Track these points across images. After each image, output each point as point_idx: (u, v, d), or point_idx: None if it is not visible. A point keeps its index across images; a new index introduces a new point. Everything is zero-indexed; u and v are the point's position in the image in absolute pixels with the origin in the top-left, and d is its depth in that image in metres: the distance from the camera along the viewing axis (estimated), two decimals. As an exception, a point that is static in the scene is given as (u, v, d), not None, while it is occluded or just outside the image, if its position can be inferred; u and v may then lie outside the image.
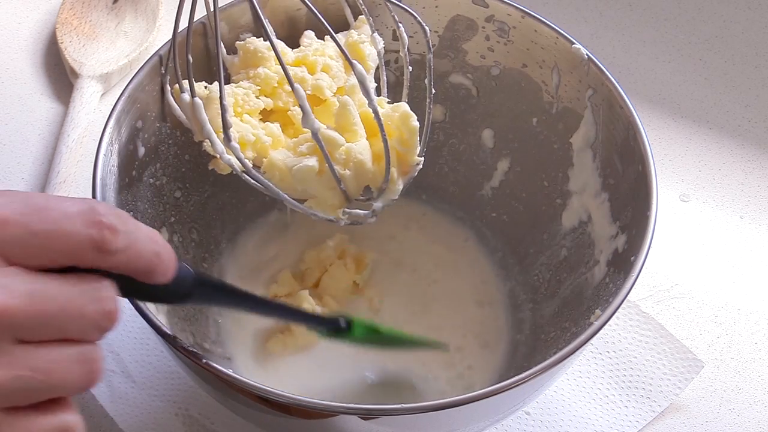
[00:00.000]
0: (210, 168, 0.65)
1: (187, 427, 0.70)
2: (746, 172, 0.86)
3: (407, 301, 0.75)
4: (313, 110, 0.61)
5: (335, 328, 0.62)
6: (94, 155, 0.63)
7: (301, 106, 0.60)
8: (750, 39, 0.94)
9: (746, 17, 0.95)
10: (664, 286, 0.79)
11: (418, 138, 0.64)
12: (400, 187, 0.64)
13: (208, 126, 0.62)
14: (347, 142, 0.63)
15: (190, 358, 0.57)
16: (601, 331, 0.59)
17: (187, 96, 0.63)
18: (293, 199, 0.63)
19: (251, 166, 0.63)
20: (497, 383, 0.57)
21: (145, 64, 0.67)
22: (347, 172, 0.62)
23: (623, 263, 0.64)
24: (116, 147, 0.65)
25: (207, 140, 0.63)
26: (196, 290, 0.51)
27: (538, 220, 0.75)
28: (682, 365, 0.74)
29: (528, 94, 0.73)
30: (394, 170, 0.63)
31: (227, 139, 0.61)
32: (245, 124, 0.64)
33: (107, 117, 0.65)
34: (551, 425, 0.72)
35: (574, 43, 0.70)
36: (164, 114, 0.68)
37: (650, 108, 0.89)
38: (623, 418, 0.72)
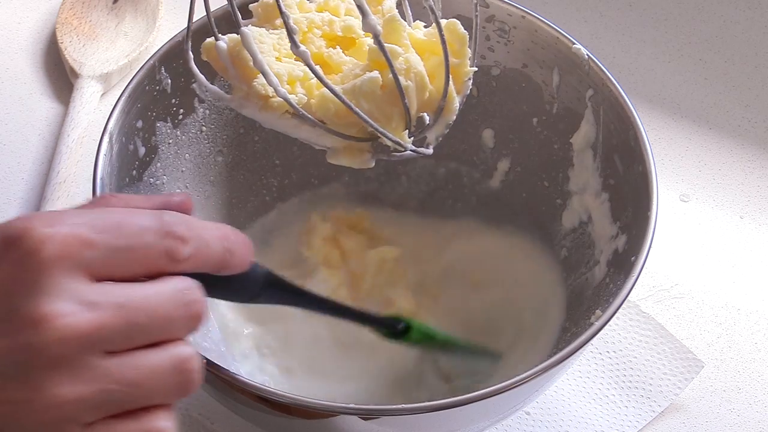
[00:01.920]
0: (259, 112, 0.60)
1: (187, 427, 0.70)
2: (746, 172, 0.86)
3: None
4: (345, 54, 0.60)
5: (393, 330, 0.64)
6: (94, 155, 0.63)
7: (359, 7, 0.55)
8: (750, 39, 0.94)
9: (746, 17, 0.95)
10: (664, 286, 0.79)
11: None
12: (458, 105, 0.61)
13: (260, 56, 0.57)
14: None
15: (191, 358, 0.57)
16: (601, 331, 0.59)
17: (223, 44, 0.59)
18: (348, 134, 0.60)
19: (319, 69, 0.57)
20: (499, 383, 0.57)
21: (145, 63, 0.67)
22: (409, 83, 0.59)
23: (623, 263, 0.64)
24: (116, 147, 0.65)
25: (255, 82, 0.58)
26: (266, 290, 0.52)
27: (539, 221, 0.75)
28: (682, 365, 0.74)
29: (528, 94, 0.73)
30: (451, 84, 0.60)
31: (294, 45, 0.56)
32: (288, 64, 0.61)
33: (107, 117, 0.65)
34: (551, 425, 0.72)
35: (574, 43, 0.70)
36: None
37: (650, 108, 0.89)
38: (623, 418, 0.72)
